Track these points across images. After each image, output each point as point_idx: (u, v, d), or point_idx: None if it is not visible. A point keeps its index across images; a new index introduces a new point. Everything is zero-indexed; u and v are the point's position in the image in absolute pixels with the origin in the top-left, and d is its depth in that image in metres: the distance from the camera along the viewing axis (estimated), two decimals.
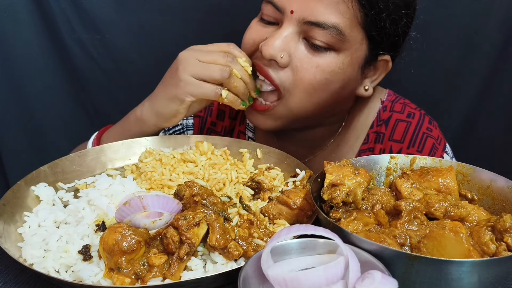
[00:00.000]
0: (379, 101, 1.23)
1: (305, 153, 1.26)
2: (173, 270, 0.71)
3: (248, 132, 1.32)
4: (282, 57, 1.00)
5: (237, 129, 1.33)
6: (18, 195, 0.89)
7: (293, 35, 1.01)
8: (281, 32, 1.01)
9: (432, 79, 1.79)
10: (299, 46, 1.02)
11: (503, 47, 1.72)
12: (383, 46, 1.06)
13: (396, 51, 1.10)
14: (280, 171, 1.00)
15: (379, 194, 0.82)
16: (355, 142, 1.24)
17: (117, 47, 1.80)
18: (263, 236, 0.79)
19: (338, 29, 0.98)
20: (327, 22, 0.98)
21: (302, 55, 1.02)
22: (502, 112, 1.81)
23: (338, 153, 1.25)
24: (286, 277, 0.62)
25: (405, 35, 1.08)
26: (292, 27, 1.01)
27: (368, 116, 1.23)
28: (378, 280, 0.59)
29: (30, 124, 1.87)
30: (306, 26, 0.99)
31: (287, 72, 1.03)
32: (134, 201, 0.74)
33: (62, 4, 1.72)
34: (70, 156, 1.03)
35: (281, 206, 0.86)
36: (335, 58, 1.01)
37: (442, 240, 0.69)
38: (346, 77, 1.04)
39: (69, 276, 0.74)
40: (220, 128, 1.34)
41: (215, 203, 0.78)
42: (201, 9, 1.77)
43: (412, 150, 1.17)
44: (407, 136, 1.18)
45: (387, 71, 1.12)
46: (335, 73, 1.02)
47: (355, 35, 1.01)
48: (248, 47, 1.08)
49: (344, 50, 1.01)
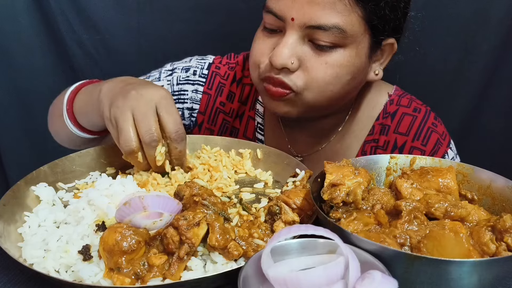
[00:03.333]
0: (386, 94, 1.25)
1: (312, 142, 1.28)
2: (173, 270, 0.71)
3: (258, 118, 1.33)
4: (292, 63, 1.02)
5: (247, 114, 1.34)
6: (18, 195, 0.89)
7: (298, 40, 1.03)
8: (286, 40, 1.02)
9: (432, 79, 1.79)
10: (306, 48, 1.04)
11: (503, 47, 1.72)
12: (386, 33, 1.08)
13: (399, 33, 1.12)
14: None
15: (379, 194, 0.82)
16: (360, 133, 1.25)
17: (117, 47, 1.80)
18: (263, 236, 0.79)
19: (339, 28, 0.99)
20: (327, 23, 0.99)
21: (310, 57, 1.04)
22: (502, 112, 1.81)
23: (344, 144, 1.26)
24: (286, 277, 0.62)
25: (405, 17, 1.10)
26: (296, 33, 1.02)
27: (375, 108, 1.24)
28: (378, 280, 0.59)
29: (30, 124, 1.87)
30: (308, 30, 1.01)
31: (298, 74, 1.05)
32: (134, 201, 0.74)
33: (62, 4, 1.72)
34: (70, 156, 1.03)
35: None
36: (341, 53, 1.03)
37: (442, 240, 0.69)
38: (355, 68, 1.06)
39: (69, 276, 0.74)
40: (228, 109, 1.33)
41: (215, 203, 0.78)
42: (201, 9, 1.77)
43: (416, 143, 1.18)
44: (412, 129, 1.19)
45: (393, 53, 1.14)
46: (344, 66, 1.04)
47: (357, 29, 1.02)
48: (258, 58, 1.09)
49: (349, 44, 1.03)
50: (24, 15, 1.73)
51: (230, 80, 1.33)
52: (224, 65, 1.33)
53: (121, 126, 0.93)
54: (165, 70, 1.35)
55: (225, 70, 1.33)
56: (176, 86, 1.32)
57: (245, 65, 1.33)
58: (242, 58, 1.34)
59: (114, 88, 1.00)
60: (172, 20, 1.78)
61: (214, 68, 1.33)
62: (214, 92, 1.32)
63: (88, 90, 1.13)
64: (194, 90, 1.32)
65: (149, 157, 0.95)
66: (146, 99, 0.94)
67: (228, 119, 1.33)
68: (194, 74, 1.32)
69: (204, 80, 1.32)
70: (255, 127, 1.33)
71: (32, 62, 1.79)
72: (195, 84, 1.32)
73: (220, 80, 1.32)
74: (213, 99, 1.33)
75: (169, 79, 1.32)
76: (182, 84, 1.32)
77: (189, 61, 1.35)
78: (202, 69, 1.32)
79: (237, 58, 1.35)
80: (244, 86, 1.32)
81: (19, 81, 1.82)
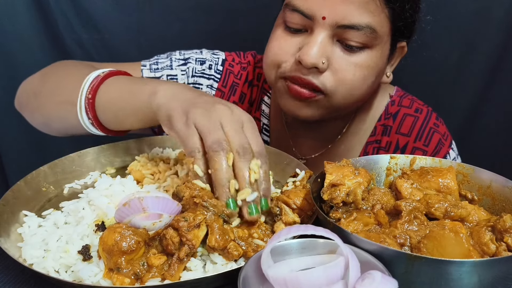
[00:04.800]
0: (388, 95, 1.25)
1: (316, 144, 1.27)
2: (173, 271, 0.71)
3: (263, 119, 1.32)
4: (323, 63, 1.01)
5: (253, 115, 1.32)
6: (18, 195, 0.89)
7: (327, 40, 1.01)
8: (316, 39, 1.01)
9: (432, 79, 1.79)
10: (335, 49, 1.03)
11: (503, 47, 1.72)
12: (405, 35, 1.09)
13: (412, 36, 1.13)
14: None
15: (379, 194, 0.82)
16: (363, 134, 1.25)
17: (117, 47, 1.80)
18: (263, 237, 0.79)
19: (372, 28, 0.99)
20: (361, 23, 0.98)
21: (339, 57, 1.03)
22: (502, 112, 1.81)
23: (348, 145, 1.26)
24: (286, 277, 0.62)
25: (418, 19, 1.11)
26: (325, 32, 1.01)
27: (377, 110, 1.24)
28: (378, 280, 0.59)
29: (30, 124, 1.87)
30: (339, 29, 1.00)
31: (327, 75, 1.03)
32: (134, 202, 0.74)
33: (62, 4, 1.72)
34: (70, 156, 1.03)
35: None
36: (369, 54, 1.03)
37: (442, 240, 0.69)
38: (379, 69, 1.07)
39: (68, 276, 0.74)
40: None
41: (215, 205, 0.78)
42: (201, 9, 1.77)
43: (418, 144, 1.18)
44: (414, 130, 1.19)
45: (402, 56, 1.15)
46: (371, 68, 1.04)
47: (385, 29, 1.03)
48: (279, 58, 1.06)
49: (376, 45, 1.03)
50: (24, 15, 1.73)
51: (243, 81, 1.31)
52: (237, 64, 1.32)
53: (210, 128, 0.79)
54: (176, 58, 1.27)
55: (238, 69, 1.31)
56: (191, 78, 1.27)
57: (254, 65, 1.33)
58: (252, 58, 1.33)
59: (183, 94, 0.87)
60: (172, 20, 1.78)
61: (228, 66, 1.30)
62: (228, 91, 1.30)
63: (124, 85, 0.96)
64: (209, 85, 1.29)
65: (241, 172, 0.79)
66: (235, 116, 0.83)
67: None
68: (210, 68, 1.28)
69: (219, 76, 1.29)
70: (261, 128, 1.32)
71: (32, 62, 1.78)
72: (210, 79, 1.28)
73: (234, 79, 1.31)
74: (226, 97, 1.30)
75: (183, 69, 1.27)
76: (197, 76, 1.28)
77: (201, 53, 1.30)
78: (217, 64, 1.29)
79: (247, 57, 1.33)
80: (253, 87, 1.32)
81: (19, 81, 1.82)
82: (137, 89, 0.92)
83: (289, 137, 1.29)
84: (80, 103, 0.97)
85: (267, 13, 1.14)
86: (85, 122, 0.99)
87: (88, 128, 1.01)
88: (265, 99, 1.31)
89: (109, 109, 0.96)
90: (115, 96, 0.95)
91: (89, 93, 0.96)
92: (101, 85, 0.97)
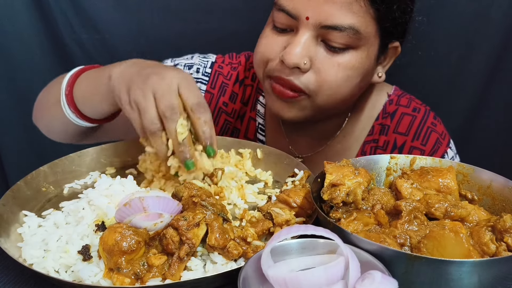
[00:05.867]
0: (386, 94, 1.25)
1: (313, 143, 1.27)
2: (173, 271, 0.71)
3: (259, 119, 1.32)
4: (305, 64, 1.01)
5: (248, 114, 1.33)
6: (18, 195, 0.89)
7: (311, 40, 1.02)
8: (299, 39, 1.01)
9: (432, 79, 1.79)
10: (319, 49, 1.03)
11: (503, 47, 1.72)
12: (396, 35, 1.08)
13: (404, 36, 1.12)
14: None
15: (379, 194, 0.82)
16: (360, 133, 1.25)
17: (117, 47, 1.80)
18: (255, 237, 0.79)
19: (354, 29, 0.99)
20: (343, 24, 0.98)
21: (322, 58, 1.02)
22: (502, 112, 1.81)
23: (345, 144, 1.26)
24: (286, 277, 0.62)
25: (411, 20, 1.10)
26: (309, 32, 1.01)
27: (374, 109, 1.24)
28: (378, 280, 0.59)
29: (30, 124, 1.86)
30: (323, 30, 1.00)
31: (309, 75, 1.03)
32: (135, 202, 0.74)
33: (62, 4, 1.72)
34: (70, 156, 1.03)
35: (281, 205, 0.86)
36: (353, 55, 1.03)
37: (442, 240, 0.69)
38: (364, 70, 1.06)
39: (68, 276, 0.74)
40: (230, 110, 1.32)
41: (214, 204, 0.78)
42: (201, 9, 1.76)
43: (416, 143, 1.18)
44: (412, 129, 1.19)
45: (396, 56, 1.15)
46: (355, 69, 1.04)
47: (370, 30, 1.02)
48: (266, 55, 1.07)
49: (361, 46, 1.03)
50: (24, 15, 1.72)
51: (233, 81, 1.32)
52: (227, 65, 1.32)
53: (144, 107, 0.88)
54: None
55: (228, 70, 1.32)
56: None
57: (247, 65, 1.33)
58: (244, 58, 1.34)
59: (128, 72, 0.94)
60: (172, 20, 1.77)
61: (217, 68, 1.31)
62: (217, 92, 1.31)
63: (91, 75, 1.07)
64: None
65: (171, 134, 0.89)
66: (167, 80, 0.89)
67: (230, 120, 1.33)
68: (197, 72, 1.30)
69: (207, 78, 1.30)
70: (256, 127, 1.33)
71: (32, 62, 1.79)
72: (198, 82, 1.30)
73: (223, 80, 1.31)
74: (215, 98, 1.31)
75: None
76: None
77: (191, 58, 1.33)
78: (205, 67, 1.31)
79: (239, 58, 1.34)
80: (246, 87, 1.32)
81: (19, 81, 1.82)
82: (100, 76, 1.01)
83: (285, 135, 1.29)
84: (62, 100, 1.08)
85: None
86: (70, 115, 1.09)
87: (75, 121, 1.09)
88: (260, 99, 1.31)
89: (84, 100, 1.06)
90: (86, 87, 1.06)
91: (66, 90, 1.07)
92: (76, 80, 1.08)
